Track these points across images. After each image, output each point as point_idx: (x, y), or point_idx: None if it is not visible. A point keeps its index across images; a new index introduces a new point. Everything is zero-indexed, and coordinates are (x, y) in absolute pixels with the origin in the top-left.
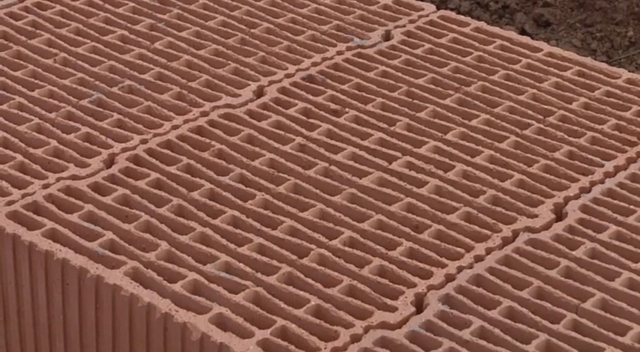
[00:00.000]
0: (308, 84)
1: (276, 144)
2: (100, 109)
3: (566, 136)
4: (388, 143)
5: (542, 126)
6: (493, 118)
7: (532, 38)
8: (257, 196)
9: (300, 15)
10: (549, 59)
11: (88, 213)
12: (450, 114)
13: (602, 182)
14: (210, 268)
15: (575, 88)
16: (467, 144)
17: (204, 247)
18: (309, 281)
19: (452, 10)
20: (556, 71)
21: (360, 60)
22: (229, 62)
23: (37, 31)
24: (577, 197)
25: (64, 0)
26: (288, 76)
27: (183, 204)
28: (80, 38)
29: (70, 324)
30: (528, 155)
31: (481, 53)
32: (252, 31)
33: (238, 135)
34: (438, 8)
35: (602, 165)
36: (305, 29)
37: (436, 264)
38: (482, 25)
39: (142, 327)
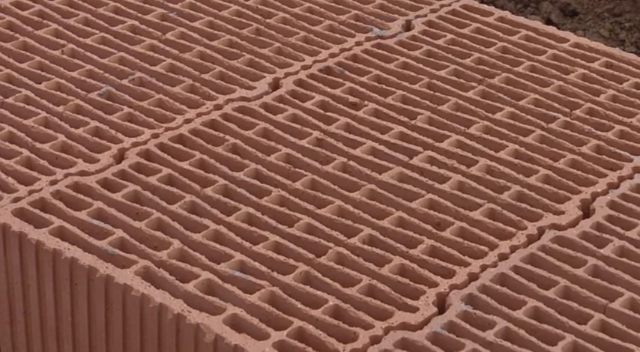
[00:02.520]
0: (325, 76)
1: (292, 139)
2: (110, 102)
3: (593, 130)
4: (409, 137)
5: (568, 119)
6: (518, 111)
7: (558, 28)
8: (273, 193)
9: (317, 4)
10: (576, 50)
11: (98, 211)
12: (473, 107)
13: (630, 177)
14: (224, 267)
15: (602, 79)
16: (490, 138)
17: (217, 245)
18: (327, 280)
19: None
20: (583, 62)
21: (380, 51)
22: (244, 53)
23: (44, 22)
24: (605, 193)
25: None
26: (304, 67)
27: (196, 200)
28: (89, 29)
29: (78, 326)
30: (554, 149)
31: (505, 44)
32: (268, 21)
33: (253, 129)
34: None
35: (631, 160)
36: (322, 19)
37: (459, 262)
38: (507, 14)
39: (154, 329)
